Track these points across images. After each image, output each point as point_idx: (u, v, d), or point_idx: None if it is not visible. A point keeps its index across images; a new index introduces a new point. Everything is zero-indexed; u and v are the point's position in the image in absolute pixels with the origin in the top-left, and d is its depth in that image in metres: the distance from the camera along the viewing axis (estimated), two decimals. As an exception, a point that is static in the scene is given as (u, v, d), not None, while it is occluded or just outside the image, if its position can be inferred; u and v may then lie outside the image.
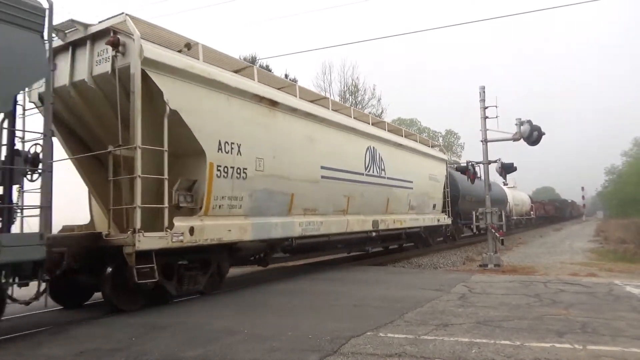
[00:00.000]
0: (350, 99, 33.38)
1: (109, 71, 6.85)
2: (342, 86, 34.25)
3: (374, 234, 12.86)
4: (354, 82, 34.34)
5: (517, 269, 12.14)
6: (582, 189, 65.28)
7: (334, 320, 5.93)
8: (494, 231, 13.07)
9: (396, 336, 5.06)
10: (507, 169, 14.06)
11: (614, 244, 21.89)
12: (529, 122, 12.85)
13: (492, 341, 4.82)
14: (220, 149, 7.82)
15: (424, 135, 41.37)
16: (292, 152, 9.59)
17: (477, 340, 4.87)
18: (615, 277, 10.14)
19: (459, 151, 57.46)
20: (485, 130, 13.30)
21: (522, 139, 12.93)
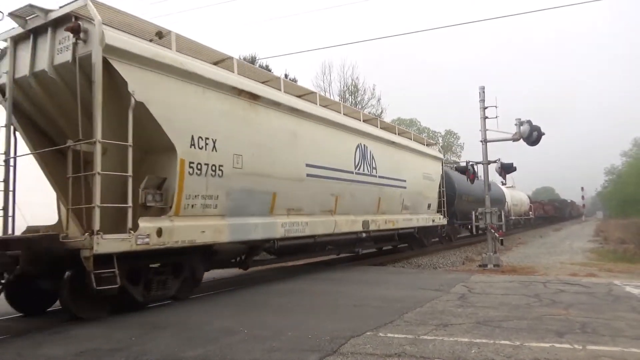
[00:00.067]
0: (350, 99, 33.37)
1: (70, 60, 6.33)
2: (342, 86, 34.23)
3: (364, 235, 12.38)
4: (353, 82, 34.32)
5: (516, 269, 12.14)
6: (582, 189, 65.16)
7: (334, 320, 5.94)
8: (493, 231, 13.08)
9: (396, 336, 5.06)
10: (506, 169, 14.06)
11: (613, 244, 21.86)
12: (529, 122, 12.85)
13: (491, 341, 4.82)
14: (193, 145, 7.29)
15: (424, 135, 41.42)
16: (274, 149, 9.07)
17: (477, 340, 4.88)
18: (615, 277, 10.15)
19: (458, 151, 57.50)
20: (484, 130, 13.30)
21: (521, 139, 12.94)
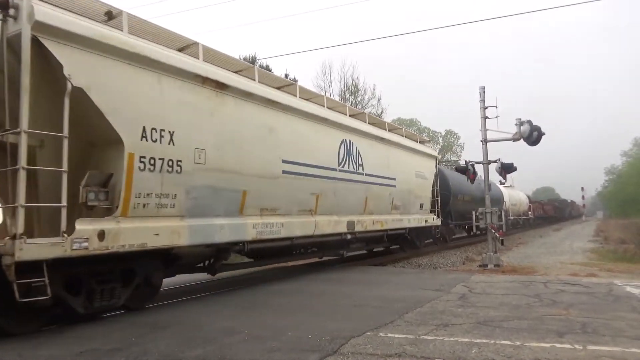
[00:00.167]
0: (350, 99, 33.39)
1: None
2: (342, 86, 34.32)
3: (349, 237, 11.56)
4: (354, 82, 34.39)
5: (517, 269, 12.13)
6: (582, 189, 65.28)
7: (334, 320, 5.94)
8: (493, 231, 13.07)
9: (396, 336, 5.06)
10: (507, 169, 14.06)
11: (613, 244, 21.86)
12: (529, 122, 12.83)
13: (492, 341, 4.82)
14: (144, 137, 6.50)
15: (424, 135, 41.41)
16: (245, 144, 8.31)
17: (477, 340, 4.88)
18: (615, 277, 10.14)
19: (458, 151, 57.52)
20: (485, 130, 13.30)
21: (522, 139, 12.93)
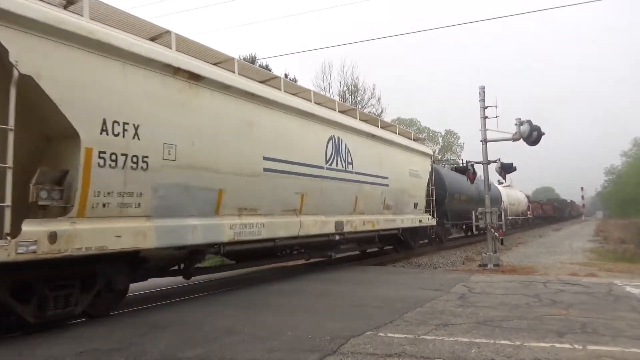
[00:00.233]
0: (350, 99, 33.41)
1: None
2: (342, 86, 34.34)
3: (337, 238, 11.08)
4: (353, 82, 34.41)
5: (516, 268, 12.13)
6: (582, 189, 65.33)
7: (334, 320, 5.94)
8: (493, 231, 13.08)
9: (396, 336, 5.06)
10: (506, 169, 14.06)
11: (613, 244, 21.87)
12: (529, 122, 12.83)
13: (491, 341, 4.82)
14: (105, 130, 5.98)
15: (424, 135, 41.44)
16: (221, 139, 7.81)
17: (477, 340, 4.88)
18: (615, 277, 10.14)
19: (458, 151, 57.55)
20: (484, 130, 13.30)
21: (521, 139, 12.93)
